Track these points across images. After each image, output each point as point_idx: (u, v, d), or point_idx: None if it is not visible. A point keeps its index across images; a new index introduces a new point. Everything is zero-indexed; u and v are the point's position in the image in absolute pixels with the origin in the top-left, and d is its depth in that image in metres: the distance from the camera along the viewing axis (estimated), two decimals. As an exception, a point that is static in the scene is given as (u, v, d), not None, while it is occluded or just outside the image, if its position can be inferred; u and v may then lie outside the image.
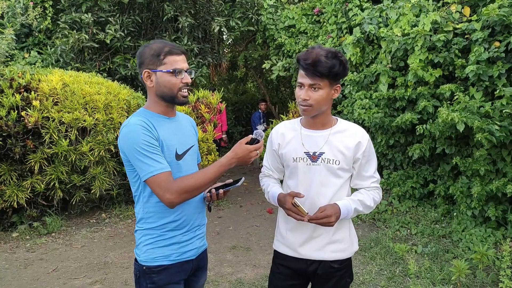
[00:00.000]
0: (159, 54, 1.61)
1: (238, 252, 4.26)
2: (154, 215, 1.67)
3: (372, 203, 1.80)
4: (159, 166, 1.54)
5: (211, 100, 6.01)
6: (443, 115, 3.63)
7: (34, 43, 7.60)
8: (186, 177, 1.58)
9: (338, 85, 1.74)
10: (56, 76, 4.97)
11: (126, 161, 1.63)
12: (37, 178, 4.70)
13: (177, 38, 7.81)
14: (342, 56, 1.68)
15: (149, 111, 1.69)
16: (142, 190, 1.66)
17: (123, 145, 1.59)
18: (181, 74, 1.64)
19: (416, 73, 4.15)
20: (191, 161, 1.78)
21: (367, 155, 1.79)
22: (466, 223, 4.44)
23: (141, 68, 1.65)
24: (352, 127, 1.82)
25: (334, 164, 1.75)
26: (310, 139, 1.80)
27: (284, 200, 1.73)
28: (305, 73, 1.66)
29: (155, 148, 1.56)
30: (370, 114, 4.69)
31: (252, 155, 1.60)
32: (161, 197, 1.53)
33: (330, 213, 1.64)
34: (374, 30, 4.71)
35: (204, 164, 5.54)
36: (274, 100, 11.07)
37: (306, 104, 1.69)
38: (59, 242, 4.55)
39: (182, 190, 1.53)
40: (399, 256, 3.97)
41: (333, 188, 1.77)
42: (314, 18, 7.08)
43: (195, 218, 1.77)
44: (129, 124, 1.58)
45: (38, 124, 4.56)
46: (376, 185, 1.83)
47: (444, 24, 4.10)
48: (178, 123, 1.77)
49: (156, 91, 1.66)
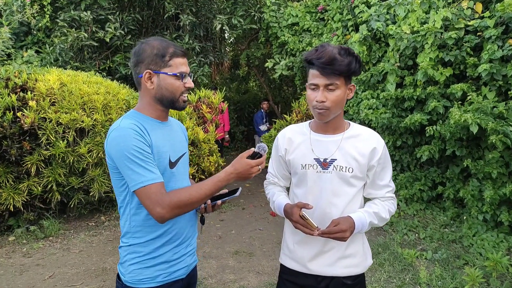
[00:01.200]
0: (164, 54, 1.48)
1: (241, 257, 4.12)
2: (142, 229, 1.51)
3: (388, 215, 1.65)
4: (151, 176, 1.39)
5: (212, 100, 5.87)
6: (456, 116, 3.47)
7: (33, 42, 7.47)
8: (180, 191, 1.43)
9: (353, 84, 1.61)
10: (53, 75, 4.84)
11: (113, 168, 1.47)
12: (34, 180, 4.56)
13: (178, 37, 7.67)
14: (355, 53, 1.55)
15: (141, 114, 1.54)
16: (129, 201, 1.51)
17: (111, 150, 1.43)
18: (185, 78, 1.52)
19: (426, 72, 3.99)
20: (183, 169, 1.63)
21: (383, 162, 1.65)
22: (477, 227, 4.28)
23: (139, 67, 1.50)
24: (366, 131, 1.67)
25: (347, 172, 1.61)
26: (320, 144, 1.65)
27: (291, 211, 1.58)
28: (321, 72, 1.51)
29: (147, 155, 1.41)
30: (378, 114, 4.54)
31: (253, 170, 1.46)
32: (151, 210, 1.38)
33: (345, 228, 1.49)
34: (382, 28, 4.55)
35: (205, 165, 5.40)
36: (276, 100, 10.92)
37: (323, 107, 1.54)
38: (57, 247, 4.41)
39: (175, 205, 1.38)
40: (408, 262, 3.82)
41: (346, 198, 1.63)
42: (318, 15, 6.92)
43: (187, 231, 1.62)
44: (119, 128, 1.43)
45: (35, 125, 4.42)
46: (391, 195, 1.69)
47: (455, 21, 3.93)
48: (170, 128, 1.62)
49: (156, 94, 1.51)
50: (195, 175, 5.31)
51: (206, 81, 7.67)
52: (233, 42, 11.01)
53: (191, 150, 5.31)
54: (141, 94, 1.56)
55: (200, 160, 5.39)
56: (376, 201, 1.68)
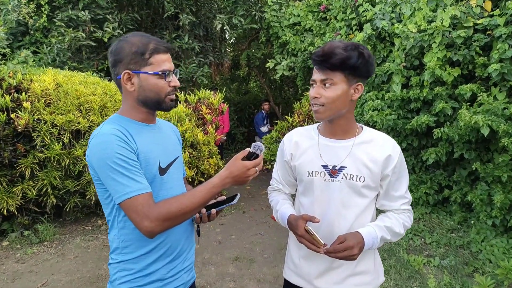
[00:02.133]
0: (144, 52, 1.33)
1: (241, 264, 3.98)
2: (132, 244, 1.37)
3: (402, 230, 1.50)
4: (137, 186, 1.24)
5: (212, 101, 5.73)
6: (466, 118, 3.33)
7: (31, 42, 7.34)
8: (170, 201, 1.28)
9: (359, 83, 1.44)
10: (49, 76, 4.71)
11: (96, 179, 1.33)
12: (29, 183, 4.43)
13: (177, 36, 7.55)
14: (365, 49, 1.40)
15: (125, 117, 1.39)
16: (116, 214, 1.37)
17: (92, 159, 1.29)
18: (169, 77, 1.37)
19: (434, 72, 3.85)
20: (176, 175, 1.49)
21: (398, 171, 1.49)
22: (486, 232, 4.14)
23: (118, 68, 1.36)
24: (381, 136, 1.52)
25: (358, 181, 1.47)
26: (329, 150, 1.51)
27: (296, 224, 1.44)
28: (317, 67, 1.40)
29: (132, 163, 1.27)
30: (383, 116, 4.39)
31: (250, 173, 1.32)
32: (138, 224, 1.24)
33: (352, 244, 1.34)
34: (388, 26, 4.41)
35: (205, 168, 5.26)
36: (277, 100, 10.79)
37: (317, 103, 1.42)
38: (51, 252, 4.28)
39: (164, 217, 1.24)
40: (416, 269, 3.68)
41: (356, 209, 1.49)
42: (320, 15, 6.78)
43: (182, 244, 1.48)
44: (100, 134, 1.29)
45: (29, 127, 4.29)
46: (407, 208, 1.54)
47: (464, 20, 3.79)
48: (159, 131, 1.48)
49: (139, 96, 1.37)
50: (195, 177, 5.17)
51: (206, 81, 7.54)
52: (233, 42, 10.88)
53: (191, 153, 5.17)
54: (123, 97, 1.42)
55: (200, 163, 5.25)
56: (389, 213, 1.53)
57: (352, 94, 1.44)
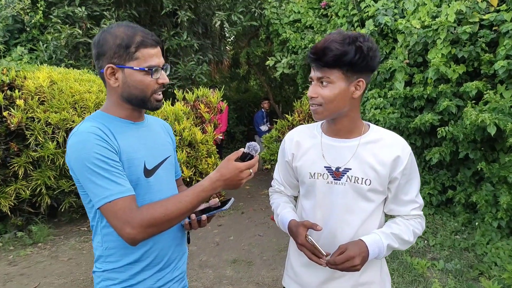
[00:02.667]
0: (129, 45, 1.21)
1: (239, 267, 3.87)
2: (116, 251, 1.26)
3: (412, 238, 1.38)
4: (118, 188, 1.14)
5: (211, 99, 5.62)
6: (472, 117, 3.22)
7: (28, 39, 7.22)
8: (154, 205, 1.16)
9: (360, 79, 1.30)
10: (43, 73, 4.59)
11: (77, 181, 1.22)
12: (22, 183, 4.32)
13: (176, 34, 7.43)
14: (365, 41, 1.26)
15: (108, 115, 1.28)
16: (99, 219, 1.26)
17: (70, 161, 1.18)
18: (157, 73, 1.25)
19: (438, 69, 3.73)
20: (166, 177, 1.37)
21: (408, 173, 1.37)
22: (491, 234, 4.03)
23: (101, 61, 1.24)
24: (389, 136, 1.40)
25: (364, 184, 1.35)
26: (333, 150, 1.40)
27: (296, 231, 1.33)
28: (313, 64, 1.30)
29: (113, 164, 1.16)
30: (385, 114, 4.28)
31: (243, 176, 1.20)
32: (119, 231, 1.13)
33: (353, 254, 1.23)
34: (391, 22, 4.29)
35: (203, 167, 5.15)
36: (277, 99, 10.68)
37: (315, 102, 1.31)
38: (45, 254, 4.17)
39: (148, 223, 1.13)
40: (419, 273, 3.57)
41: (362, 215, 1.37)
42: (321, 11, 6.66)
43: (172, 252, 1.36)
44: (78, 132, 1.18)
45: (22, 125, 4.18)
46: (418, 213, 1.41)
47: (469, 15, 3.68)
48: (147, 129, 1.36)
49: (123, 93, 1.26)
50: (193, 177, 5.06)
51: (205, 80, 7.42)
52: (233, 40, 10.76)
53: (188, 152, 5.06)
54: (107, 92, 1.30)
55: (198, 162, 5.14)
56: (398, 219, 1.41)
57: (353, 91, 1.31)
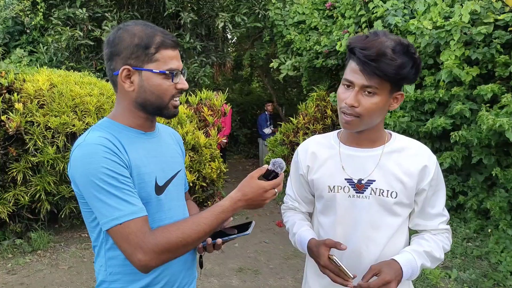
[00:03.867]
0: (148, 45, 1.09)
1: (246, 275, 3.74)
2: (122, 277, 1.13)
3: (442, 255, 1.27)
4: (129, 209, 1.01)
5: (214, 102, 5.50)
6: (489, 121, 3.09)
7: (28, 41, 7.14)
8: (169, 228, 1.04)
9: (401, 92, 1.21)
10: (43, 75, 4.48)
11: (80, 197, 1.10)
12: (21, 189, 4.19)
13: (179, 35, 7.32)
14: (415, 52, 1.15)
15: (117, 123, 1.15)
16: (104, 241, 1.13)
17: (75, 175, 1.06)
18: (177, 77, 1.12)
19: (451, 72, 3.61)
20: (176, 194, 1.24)
21: (435, 184, 1.27)
22: (505, 242, 3.89)
23: (115, 62, 1.11)
24: (414, 144, 1.30)
25: (390, 197, 1.23)
26: (353, 161, 1.28)
27: (318, 252, 1.20)
28: (361, 68, 1.12)
29: (124, 180, 1.03)
30: (396, 118, 4.15)
31: (268, 196, 1.10)
32: (130, 257, 1.01)
33: (390, 278, 1.11)
34: (401, 23, 4.16)
35: (206, 172, 5.01)
36: (281, 101, 10.55)
37: (352, 112, 1.17)
38: (45, 262, 4.05)
39: (162, 249, 1.01)
40: (433, 283, 3.43)
41: (388, 231, 1.26)
42: (326, 12, 6.54)
43: (182, 277, 1.24)
44: (84, 143, 1.06)
45: (21, 130, 4.06)
46: (445, 227, 1.31)
47: (484, 15, 3.55)
48: (158, 140, 1.23)
49: (138, 98, 1.12)
50: (196, 182, 4.94)
51: (208, 82, 7.31)
52: (236, 42, 10.66)
53: (192, 156, 4.94)
54: (117, 97, 1.17)
55: (201, 167, 5.01)
56: (426, 235, 1.29)
57: (391, 104, 1.21)
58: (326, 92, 6.39)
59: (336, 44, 5.38)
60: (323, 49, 5.76)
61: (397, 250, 1.25)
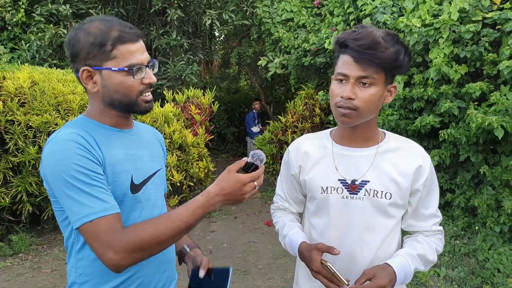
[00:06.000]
0: (104, 42, 1.03)
1: (234, 276, 3.68)
2: (92, 279, 1.07)
3: (435, 257, 1.25)
4: (100, 206, 0.97)
5: (202, 100, 5.42)
6: (478, 119, 3.08)
7: (9, 38, 6.93)
8: (142, 226, 0.99)
9: (394, 85, 1.19)
10: (24, 73, 4.34)
11: (52, 196, 1.05)
12: (1, 190, 4.06)
13: (165, 33, 7.21)
14: (404, 42, 1.14)
15: (93, 121, 1.11)
16: (75, 240, 1.08)
17: (46, 172, 1.01)
18: (140, 72, 1.07)
19: (440, 70, 3.60)
20: (155, 193, 1.19)
21: (429, 184, 1.25)
22: (493, 240, 3.91)
23: (76, 63, 1.07)
24: (408, 144, 1.27)
25: (384, 198, 1.20)
26: (347, 161, 1.24)
27: (310, 257, 1.15)
28: (355, 59, 1.09)
29: (95, 176, 0.99)
30: (385, 116, 4.13)
31: (247, 189, 1.03)
32: (101, 256, 0.96)
33: (384, 283, 1.07)
34: (390, 21, 4.14)
35: (194, 171, 4.94)
36: (269, 99, 10.52)
37: (350, 105, 1.13)
38: (26, 266, 3.92)
39: (134, 247, 0.95)
40: (422, 282, 3.43)
41: (382, 233, 1.22)
42: (314, 10, 6.51)
43: (158, 279, 1.17)
44: (55, 140, 1.01)
45: (1, 129, 3.94)
46: (438, 228, 1.28)
47: (472, 13, 3.55)
48: (137, 138, 1.19)
49: (104, 97, 1.08)
50: (183, 182, 4.86)
51: (195, 80, 7.21)
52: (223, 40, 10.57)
53: (179, 155, 4.86)
54: (89, 97, 1.13)
55: (189, 166, 4.94)
56: (419, 237, 1.26)
57: (386, 96, 1.18)
58: (314, 90, 6.36)
59: (324, 42, 5.34)
60: (311, 47, 5.71)
61: (391, 252, 1.23)
